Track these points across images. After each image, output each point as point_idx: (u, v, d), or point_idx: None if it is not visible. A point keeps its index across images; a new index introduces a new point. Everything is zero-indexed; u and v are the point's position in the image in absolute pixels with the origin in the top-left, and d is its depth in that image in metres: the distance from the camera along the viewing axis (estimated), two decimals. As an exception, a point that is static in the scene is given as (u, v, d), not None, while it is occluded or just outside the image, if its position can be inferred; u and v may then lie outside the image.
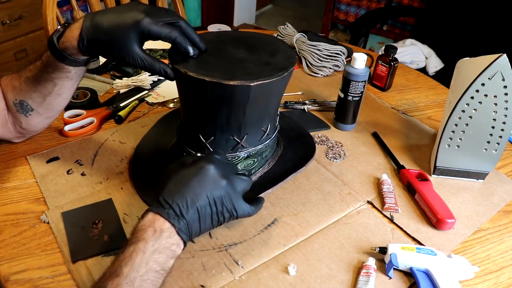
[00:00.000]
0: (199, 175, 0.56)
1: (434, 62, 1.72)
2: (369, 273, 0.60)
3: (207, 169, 0.57)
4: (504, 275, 0.64)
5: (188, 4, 3.01)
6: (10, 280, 0.58)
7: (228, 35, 0.74)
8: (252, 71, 0.63)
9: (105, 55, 0.64)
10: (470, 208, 0.74)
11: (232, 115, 0.65)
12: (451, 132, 0.75)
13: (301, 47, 1.16)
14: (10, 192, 0.71)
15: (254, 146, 0.71)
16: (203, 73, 0.61)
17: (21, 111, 0.71)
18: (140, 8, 0.61)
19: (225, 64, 0.64)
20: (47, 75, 0.66)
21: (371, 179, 0.79)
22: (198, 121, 0.68)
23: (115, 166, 0.78)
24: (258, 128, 0.70)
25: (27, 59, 2.11)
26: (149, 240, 0.51)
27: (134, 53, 0.61)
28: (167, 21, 0.61)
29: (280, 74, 0.63)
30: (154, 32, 0.60)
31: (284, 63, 0.66)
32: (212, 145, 0.69)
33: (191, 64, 0.63)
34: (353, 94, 0.86)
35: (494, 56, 0.67)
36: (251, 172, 0.74)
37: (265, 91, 0.64)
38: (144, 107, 0.95)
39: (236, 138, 0.68)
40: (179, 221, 0.53)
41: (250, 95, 0.62)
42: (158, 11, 0.62)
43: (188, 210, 0.54)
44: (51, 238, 0.64)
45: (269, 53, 0.69)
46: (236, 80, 0.60)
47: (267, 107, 0.69)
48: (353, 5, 2.72)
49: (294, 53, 0.70)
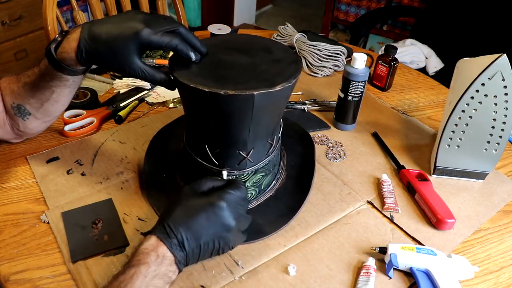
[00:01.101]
0: (210, 213, 0.55)
1: (434, 62, 1.72)
2: (369, 273, 0.60)
3: (220, 209, 0.56)
4: (504, 275, 0.64)
5: (188, 4, 3.01)
6: (10, 280, 0.58)
7: (229, 40, 0.70)
8: (258, 80, 0.59)
9: (104, 67, 0.63)
10: (470, 208, 0.74)
11: (238, 126, 0.61)
12: (451, 132, 0.75)
13: (301, 47, 1.16)
14: (10, 192, 0.71)
15: (261, 160, 0.68)
16: (205, 83, 0.57)
17: (18, 115, 0.70)
18: (139, 18, 0.59)
19: (227, 73, 0.61)
20: (45, 83, 0.66)
21: (371, 179, 0.79)
22: (203, 131, 0.65)
23: (115, 166, 0.77)
24: (265, 140, 0.67)
25: (27, 59, 2.11)
26: (152, 265, 0.51)
27: (134, 64, 0.60)
28: (166, 30, 0.60)
29: (287, 82, 0.59)
30: (154, 42, 0.59)
31: (289, 69, 0.62)
32: (217, 157, 0.66)
33: (192, 74, 0.60)
34: (353, 94, 0.86)
35: (494, 56, 0.67)
36: (261, 188, 0.71)
37: (270, 101, 0.60)
38: (144, 107, 0.95)
39: (242, 153, 0.65)
40: (181, 253, 0.54)
41: (255, 105, 0.58)
42: (157, 20, 0.61)
43: (191, 245, 0.54)
44: (51, 238, 0.64)
45: (272, 59, 0.65)
46: (240, 90, 0.56)
47: (273, 116, 0.65)
48: (353, 5, 2.72)
49: (298, 59, 0.66)
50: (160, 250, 0.52)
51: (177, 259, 0.53)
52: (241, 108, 0.58)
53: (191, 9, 3.05)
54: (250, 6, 3.51)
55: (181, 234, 0.54)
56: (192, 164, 0.69)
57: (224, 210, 0.56)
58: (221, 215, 0.56)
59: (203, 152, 0.66)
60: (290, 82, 0.59)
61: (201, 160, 0.67)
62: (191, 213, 0.55)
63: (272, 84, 0.58)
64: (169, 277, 0.53)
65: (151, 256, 0.52)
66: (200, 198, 0.57)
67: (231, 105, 0.58)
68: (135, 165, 0.78)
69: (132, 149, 0.81)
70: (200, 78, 0.59)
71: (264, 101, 0.58)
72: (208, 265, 0.61)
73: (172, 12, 1.86)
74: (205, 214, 0.55)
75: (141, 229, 0.65)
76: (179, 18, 1.45)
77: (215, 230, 0.55)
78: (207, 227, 0.55)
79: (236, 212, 0.57)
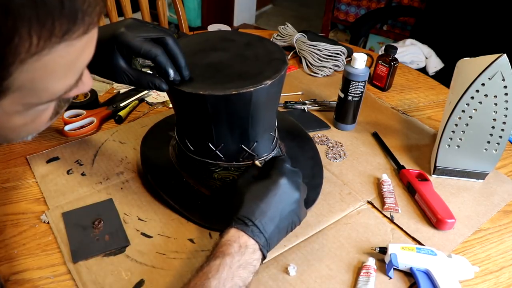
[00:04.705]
0: (276, 190, 0.57)
1: (434, 62, 1.72)
2: (369, 273, 0.60)
3: (282, 184, 0.57)
4: (504, 275, 0.64)
5: (188, 4, 3.01)
6: (10, 280, 0.58)
7: (212, 37, 0.70)
8: (248, 76, 0.60)
9: (96, 73, 0.61)
10: (470, 208, 0.74)
11: (242, 122, 0.62)
12: (451, 132, 0.75)
13: (301, 47, 1.16)
14: (10, 192, 0.71)
15: (267, 153, 0.68)
16: (198, 86, 0.57)
17: None
18: (125, 22, 0.58)
19: (218, 72, 0.61)
20: None
21: (371, 179, 0.79)
22: (204, 130, 0.64)
23: (115, 166, 0.77)
24: (268, 133, 0.67)
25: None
26: (235, 255, 0.52)
27: (117, 68, 0.58)
28: (149, 36, 0.57)
29: (274, 76, 0.60)
30: (132, 46, 0.56)
31: (275, 64, 0.63)
32: (222, 152, 0.65)
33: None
34: (353, 94, 0.86)
35: (494, 56, 0.67)
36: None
37: (264, 95, 0.60)
38: (144, 107, 0.95)
39: (245, 147, 0.65)
40: (262, 238, 0.54)
41: (252, 101, 0.59)
42: (142, 25, 0.59)
43: (269, 227, 0.55)
44: (51, 238, 0.64)
45: (256, 55, 0.65)
46: (235, 89, 0.57)
47: (274, 107, 0.67)
48: (353, 5, 2.72)
49: (281, 50, 0.67)
50: (242, 240, 0.53)
51: (260, 245, 0.54)
52: (244, 106, 0.59)
53: (191, 9, 3.05)
54: (250, 6, 3.51)
55: (259, 220, 0.55)
56: (194, 164, 0.69)
57: (287, 184, 0.57)
58: (286, 190, 0.57)
59: (207, 150, 0.66)
60: (278, 74, 0.60)
61: (203, 159, 0.67)
62: (260, 197, 0.56)
63: (266, 77, 0.59)
64: (253, 266, 0.53)
65: (234, 246, 0.52)
66: (260, 182, 0.59)
67: (235, 104, 0.59)
68: (135, 165, 0.78)
69: (132, 149, 0.81)
70: (193, 82, 0.59)
71: (263, 95, 0.59)
72: (208, 265, 0.61)
73: (172, 12, 1.86)
74: (273, 193, 0.57)
75: (141, 229, 0.66)
76: (179, 18, 1.45)
77: (286, 206, 0.57)
78: (279, 205, 0.56)
79: (296, 182, 0.59)
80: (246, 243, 0.53)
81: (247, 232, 0.54)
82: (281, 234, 0.58)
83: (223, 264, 0.51)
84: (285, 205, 0.57)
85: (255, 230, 0.54)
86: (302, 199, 0.60)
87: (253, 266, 0.53)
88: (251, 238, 0.54)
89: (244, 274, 0.52)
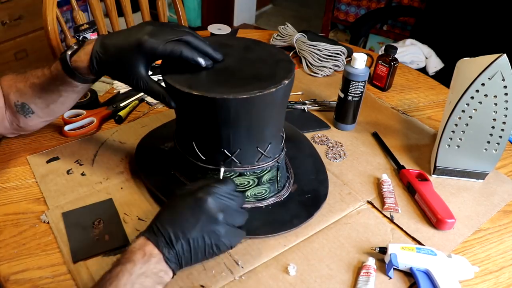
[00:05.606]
0: (193, 206, 0.56)
1: (434, 62, 1.72)
2: (369, 273, 0.60)
3: (204, 201, 0.56)
4: (504, 275, 0.64)
5: (188, 4, 3.01)
6: (10, 280, 0.58)
7: (221, 42, 0.70)
8: (263, 78, 0.60)
9: (115, 77, 0.64)
10: (470, 208, 0.74)
11: (259, 125, 0.62)
12: (451, 132, 0.75)
13: (301, 47, 1.16)
14: (10, 192, 0.71)
15: (278, 154, 0.68)
16: (219, 91, 0.57)
17: (21, 112, 0.71)
18: (146, 29, 0.60)
19: (231, 77, 0.61)
20: (55, 86, 0.68)
21: (371, 179, 0.79)
22: (221, 136, 0.63)
23: (115, 166, 0.78)
24: (279, 134, 0.67)
25: (27, 59, 2.11)
26: (137, 263, 0.51)
27: (138, 75, 0.61)
28: (170, 39, 0.60)
29: (290, 75, 0.61)
30: (159, 52, 0.59)
31: (283, 64, 0.64)
32: (238, 157, 0.65)
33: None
34: (353, 94, 0.86)
35: (494, 56, 0.67)
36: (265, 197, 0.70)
37: (279, 95, 0.61)
38: (144, 107, 0.95)
39: (261, 150, 0.65)
40: (169, 250, 0.53)
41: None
42: (163, 30, 0.61)
43: (179, 241, 0.53)
44: (51, 238, 0.64)
45: (260, 57, 0.66)
46: (259, 90, 0.57)
47: (284, 109, 0.66)
48: (353, 5, 2.72)
49: (282, 51, 0.68)
50: (147, 249, 0.52)
51: (165, 256, 0.53)
52: (265, 106, 0.60)
53: (191, 9, 3.05)
54: (250, 6, 3.51)
55: (167, 231, 0.54)
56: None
57: (207, 202, 0.56)
58: (204, 206, 0.55)
59: (220, 157, 0.65)
60: (292, 73, 0.61)
61: (216, 167, 0.66)
62: (177, 210, 0.56)
63: (282, 77, 0.60)
64: (159, 277, 0.52)
65: (138, 254, 0.52)
66: (186, 196, 0.58)
67: (257, 105, 0.59)
68: (135, 165, 0.78)
69: (132, 149, 0.81)
70: (211, 87, 0.58)
71: (270, 99, 0.59)
72: (208, 265, 0.61)
73: (172, 12, 1.86)
74: (189, 208, 0.55)
75: (141, 229, 0.65)
76: (179, 18, 1.45)
77: (201, 223, 0.55)
78: (193, 221, 0.55)
79: (221, 204, 0.57)
80: (151, 252, 0.52)
81: (153, 241, 0.53)
82: (198, 254, 0.55)
83: (124, 271, 0.50)
84: (201, 223, 0.54)
85: (161, 241, 0.53)
86: (228, 222, 0.57)
87: (159, 277, 0.52)
88: (156, 248, 0.53)
89: (147, 283, 0.51)
